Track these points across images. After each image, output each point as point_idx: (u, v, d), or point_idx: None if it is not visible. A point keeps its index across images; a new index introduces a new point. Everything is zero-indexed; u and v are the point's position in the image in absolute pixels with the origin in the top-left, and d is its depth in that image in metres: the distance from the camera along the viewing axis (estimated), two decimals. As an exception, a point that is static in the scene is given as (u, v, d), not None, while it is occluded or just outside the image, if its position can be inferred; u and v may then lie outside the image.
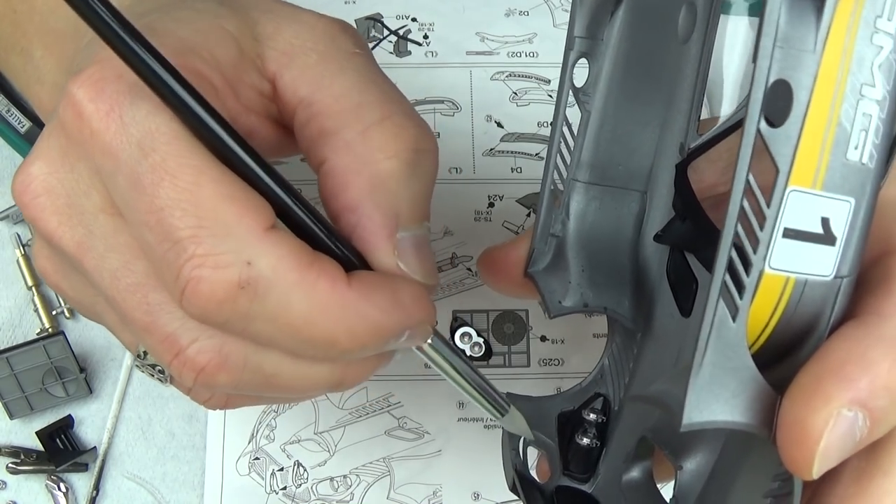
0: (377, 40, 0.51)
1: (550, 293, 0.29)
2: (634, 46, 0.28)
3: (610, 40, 0.28)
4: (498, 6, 0.52)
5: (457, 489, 0.41)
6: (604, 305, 0.29)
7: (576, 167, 0.29)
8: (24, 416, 0.41)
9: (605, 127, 0.29)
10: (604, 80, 0.28)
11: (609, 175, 0.29)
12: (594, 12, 0.28)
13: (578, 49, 0.28)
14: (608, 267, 0.29)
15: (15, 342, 0.42)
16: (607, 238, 0.29)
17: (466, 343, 0.44)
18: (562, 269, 0.30)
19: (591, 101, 0.29)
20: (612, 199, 0.29)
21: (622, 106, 0.29)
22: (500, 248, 0.31)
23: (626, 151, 0.29)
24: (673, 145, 0.28)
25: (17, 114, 0.45)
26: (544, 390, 0.43)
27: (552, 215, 0.29)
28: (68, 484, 0.40)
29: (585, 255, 0.29)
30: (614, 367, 0.30)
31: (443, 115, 0.49)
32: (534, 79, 0.50)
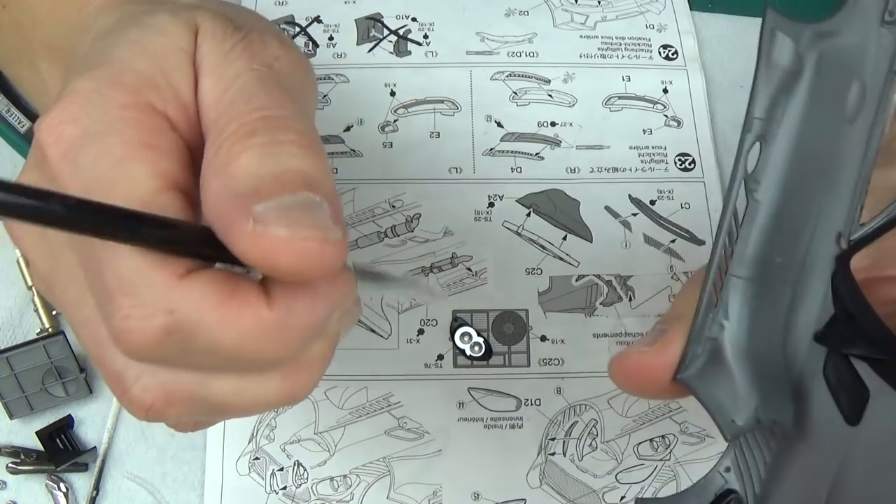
0: (377, 40, 0.51)
1: (718, 409, 0.26)
2: (807, 127, 0.26)
3: (783, 122, 0.26)
4: (498, 6, 0.52)
5: (457, 489, 0.41)
6: (773, 418, 0.26)
7: (738, 262, 0.26)
8: (24, 416, 0.41)
9: (773, 217, 0.26)
10: (775, 166, 0.26)
11: (768, 269, 0.26)
12: (777, 90, 0.26)
13: (756, 132, 0.26)
14: (770, 373, 0.27)
15: (15, 342, 0.42)
16: (764, 339, 0.27)
17: (466, 343, 0.44)
18: (721, 377, 0.27)
19: (758, 188, 0.26)
20: (769, 295, 0.27)
21: (790, 193, 0.26)
22: (645, 352, 0.27)
23: (787, 243, 0.26)
24: (829, 234, 0.26)
25: (17, 114, 0.45)
26: (544, 390, 0.43)
27: (709, 315, 0.26)
28: (68, 484, 0.40)
29: (750, 362, 0.27)
30: (745, 460, 0.27)
31: (443, 115, 0.49)
32: (534, 79, 0.50)
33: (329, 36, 0.51)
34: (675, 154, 0.48)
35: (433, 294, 0.27)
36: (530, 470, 0.42)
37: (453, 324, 0.44)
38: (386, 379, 0.43)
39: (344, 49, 0.51)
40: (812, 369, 0.26)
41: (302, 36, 0.51)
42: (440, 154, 0.48)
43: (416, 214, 0.46)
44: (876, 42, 0.25)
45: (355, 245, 0.45)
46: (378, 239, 0.46)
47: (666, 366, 0.27)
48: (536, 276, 0.45)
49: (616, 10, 0.53)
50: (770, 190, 0.26)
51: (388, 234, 0.46)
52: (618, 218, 0.47)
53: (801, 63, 0.25)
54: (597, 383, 0.43)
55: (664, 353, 0.27)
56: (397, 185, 0.47)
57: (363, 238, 0.46)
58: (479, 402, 0.43)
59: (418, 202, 0.47)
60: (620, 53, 0.51)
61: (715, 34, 0.52)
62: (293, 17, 0.52)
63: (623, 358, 0.28)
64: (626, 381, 0.28)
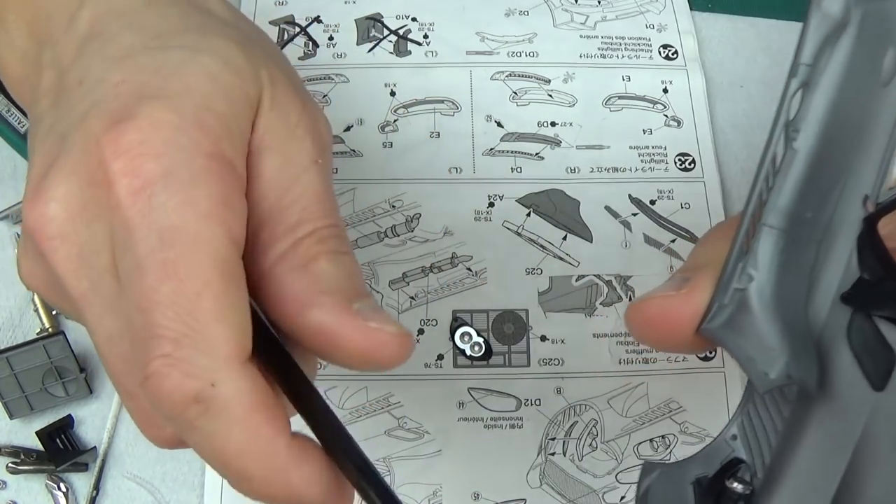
0: (377, 40, 0.51)
1: (751, 363, 0.25)
2: (846, 82, 0.25)
3: (824, 73, 0.25)
4: (498, 6, 0.52)
5: (457, 489, 0.41)
6: (802, 375, 0.25)
7: (770, 211, 0.25)
8: (24, 416, 0.41)
9: (807, 168, 0.26)
10: (815, 116, 0.25)
11: (799, 222, 0.26)
12: (825, 39, 0.25)
13: (801, 77, 0.25)
14: (797, 330, 0.26)
15: (15, 342, 0.42)
16: (791, 294, 0.26)
17: (466, 343, 0.44)
18: (750, 330, 0.26)
19: (797, 137, 0.25)
20: (796, 250, 0.26)
21: (826, 146, 0.26)
22: (670, 297, 0.26)
23: (818, 198, 0.26)
24: (856, 195, 0.25)
25: (17, 114, 0.45)
26: (544, 390, 0.43)
27: (740, 265, 0.25)
28: (68, 484, 0.40)
29: (778, 316, 0.26)
30: (754, 428, 0.27)
31: (443, 115, 0.49)
32: (534, 79, 0.50)
33: (329, 36, 0.51)
34: (675, 154, 0.48)
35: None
36: (530, 470, 0.42)
37: (453, 324, 0.44)
38: (386, 379, 0.43)
39: (344, 49, 0.51)
40: (834, 332, 0.25)
41: (302, 36, 0.51)
42: (440, 154, 0.48)
43: (416, 214, 0.46)
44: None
45: (355, 245, 0.46)
46: (378, 239, 0.46)
47: (691, 314, 0.25)
48: (536, 276, 0.45)
49: (616, 10, 0.53)
50: (808, 140, 0.25)
51: (388, 234, 0.46)
52: (618, 218, 0.47)
53: (848, 16, 0.25)
54: (597, 383, 0.43)
55: (690, 299, 0.25)
56: (397, 185, 0.47)
57: (363, 238, 0.46)
58: (479, 402, 0.43)
59: (418, 202, 0.47)
60: (620, 53, 0.51)
61: (715, 34, 0.52)
62: (293, 17, 0.52)
63: (644, 303, 0.26)
64: (646, 330, 0.26)
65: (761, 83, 0.51)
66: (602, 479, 0.42)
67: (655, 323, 0.26)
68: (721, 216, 0.47)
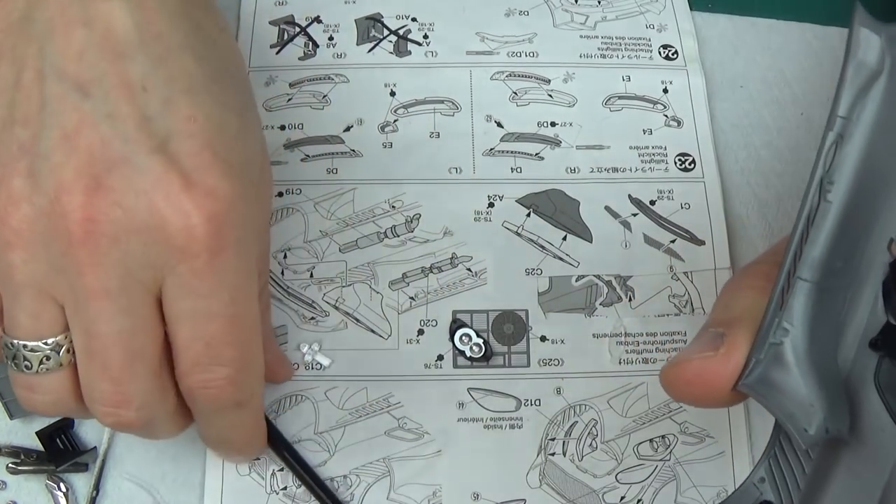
0: (377, 40, 0.51)
1: (790, 418, 0.25)
2: (878, 128, 0.25)
3: (859, 122, 0.25)
4: (498, 6, 0.52)
5: (457, 489, 0.41)
6: (838, 427, 0.25)
7: (804, 264, 0.25)
8: (24, 416, 0.41)
9: (840, 219, 0.25)
10: (849, 167, 0.25)
11: (831, 273, 0.26)
12: (861, 89, 0.25)
13: (838, 130, 0.25)
14: (831, 380, 0.26)
15: (15, 342, 0.42)
16: (824, 346, 0.26)
17: (466, 344, 0.44)
18: (786, 384, 0.25)
19: (832, 189, 0.25)
20: (829, 300, 0.26)
21: (857, 196, 0.25)
22: (702, 361, 0.26)
23: (848, 248, 0.26)
24: (883, 240, 0.25)
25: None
26: (544, 390, 0.43)
27: (776, 320, 0.25)
28: (68, 484, 0.40)
29: (814, 369, 0.25)
30: (781, 470, 0.27)
31: (443, 115, 0.49)
32: (534, 79, 0.50)
33: (329, 36, 0.51)
34: (675, 154, 0.48)
35: None
36: (530, 470, 0.42)
37: (453, 325, 0.44)
38: (386, 379, 0.43)
39: (344, 49, 0.51)
40: (861, 375, 0.25)
41: (302, 36, 0.51)
42: (440, 154, 0.48)
43: (415, 215, 0.46)
44: None
45: (355, 245, 0.46)
46: (378, 239, 0.46)
47: (730, 373, 0.25)
48: (536, 276, 0.45)
49: (616, 10, 0.53)
50: (841, 191, 0.25)
51: (388, 235, 0.46)
52: (618, 218, 0.47)
53: (883, 64, 0.25)
54: (597, 383, 0.43)
55: (729, 360, 0.25)
56: (397, 185, 0.47)
57: (363, 238, 0.46)
58: (478, 403, 0.43)
59: (418, 202, 0.47)
60: (620, 53, 0.51)
61: (715, 34, 0.52)
62: (293, 17, 0.52)
63: (681, 366, 0.26)
64: (684, 391, 0.26)
65: (761, 83, 0.51)
66: (602, 479, 0.42)
67: (694, 385, 0.26)
68: (721, 216, 0.47)
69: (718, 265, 0.46)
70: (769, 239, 0.47)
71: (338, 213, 0.46)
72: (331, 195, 0.47)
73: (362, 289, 0.45)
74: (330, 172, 0.47)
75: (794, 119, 0.50)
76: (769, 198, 0.48)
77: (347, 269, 0.45)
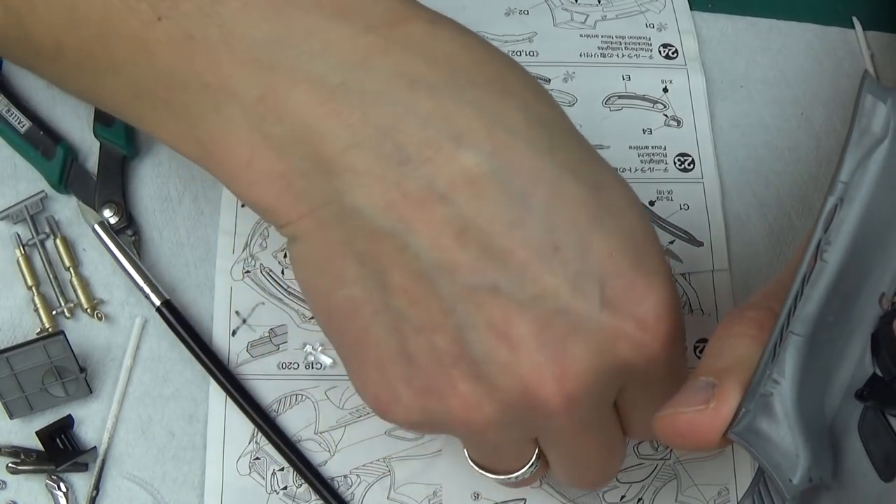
0: (377, 40, 0.51)
1: (777, 469, 0.26)
2: (878, 191, 0.26)
3: (860, 185, 0.25)
4: (498, 5, 0.52)
5: (457, 489, 0.41)
6: (820, 475, 0.26)
7: (797, 320, 0.26)
8: (24, 416, 0.41)
9: (835, 278, 0.26)
10: (847, 228, 0.26)
11: (821, 328, 0.26)
12: (865, 153, 0.25)
13: (839, 194, 0.25)
14: (817, 431, 0.26)
15: (15, 342, 0.42)
16: (812, 398, 0.27)
17: (466, 343, 0.44)
18: (773, 434, 0.26)
19: (829, 249, 0.26)
20: (818, 353, 0.26)
21: (852, 256, 0.26)
22: (693, 414, 0.26)
23: (841, 303, 0.26)
24: (874, 294, 0.26)
25: (17, 113, 0.45)
26: (544, 390, 0.43)
27: (767, 372, 0.26)
28: (68, 484, 0.40)
29: (801, 420, 0.26)
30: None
31: (443, 115, 0.49)
32: (534, 78, 0.50)
33: (329, 35, 0.51)
34: (675, 154, 0.48)
35: None
36: (530, 470, 0.42)
37: (453, 324, 0.44)
38: (386, 379, 0.43)
39: (344, 48, 0.51)
40: (845, 424, 0.26)
41: (302, 35, 0.51)
42: (440, 154, 0.48)
43: (415, 214, 0.46)
44: None
45: (355, 245, 0.45)
46: (378, 239, 0.46)
47: (720, 425, 0.26)
48: (536, 276, 0.45)
49: (616, 9, 0.53)
50: (838, 252, 0.26)
51: (388, 234, 0.46)
52: (618, 218, 0.47)
53: (887, 130, 0.25)
54: (596, 383, 0.43)
55: (718, 413, 0.26)
56: (397, 185, 0.47)
57: (363, 238, 0.46)
58: (478, 402, 0.43)
59: (418, 202, 0.47)
60: (620, 53, 0.51)
61: (715, 34, 0.52)
62: (293, 16, 0.51)
63: (673, 418, 0.27)
64: (675, 441, 0.27)
65: (761, 83, 0.51)
66: (602, 479, 0.42)
67: (686, 436, 0.27)
68: (720, 218, 0.47)
69: (717, 267, 0.46)
70: (769, 238, 0.47)
71: (338, 213, 0.46)
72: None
73: (362, 288, 0.45)
74: (330, 172, 0.47)
75: (794, 119, 0.50)
76: (769, 197, 0.48)
77: (347, 269, 0.45)
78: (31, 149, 0.44)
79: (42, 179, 0.45)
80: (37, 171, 0.45)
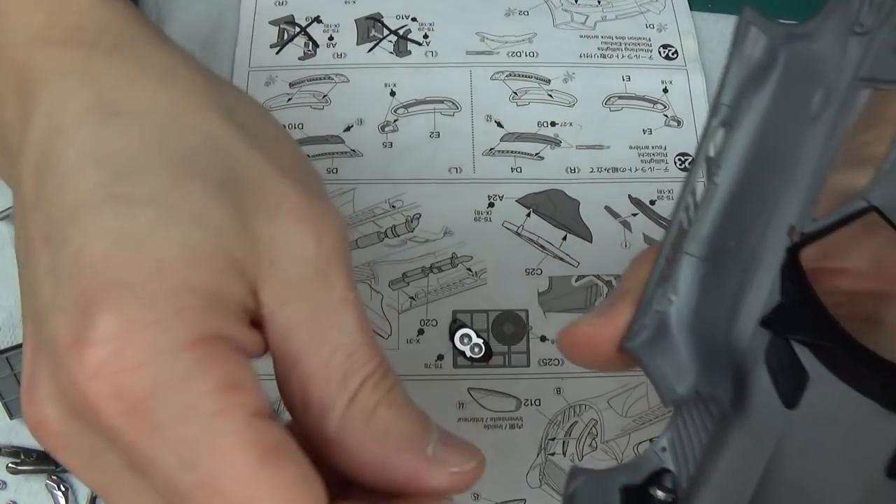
0: (377, 40, 0.51)
1: (661, 377, 0.27)
2: (769, 119, 0.27)
3: (748, 110, 0.27)
4: (498, 6, 0.52)
5: (457, 489, 0.41)
6: (712, 391, 0.27)
7: (692, 240, 0.27)
8: (25, 416, 0.41)
9: (728, 200, 0.27)
10: (736, 153, 0.27)
11: (721, 251, 0.28)
12: (746, 81, 0.27)
13: (721, 117, 0.27)
14: (711, 349, 0.28)
15: (15, 342, 0.42)
16: (710, 317, 0.28)
17: (466, 345, 0.44)
18: (667, 349, 0.28)
19: (719, 172, 0.27)
20: (718, 276, 0.28)
21: (748, 181, 0.27)
22: (593, 323, 0.28)
23: (741, 227, 0.27)
24: (782, 225, 0.27)
25: (17, 114, 0.45)
26: (544, 390, 0.43)
27: (659, 289, 0.27)
28: (68, 484, 0.41)
29: (694, 335, 0.28)
30: (682, 441, 0.28)
31: (443, 115, 0.49)
32: (534, 79, 0.50)
33: (329, 36, 0.51)
34: (675, 154, 0.48)
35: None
36: (530, 470, 0.42)
37: (452, 325, 0.44)
38: (386, 379, 0.43)
39: (344, 49, 0.51)
40: (755, 354, 0.27)
41: (302, 36, 0.51)
42: (440, 154, 0.48)
43: (416, 214, 0.46)
44: (843, 50, 0.26)
45: (355, 245, 0.46)
46: (378, 239, 0.46)
47: (612, 336, 0.27)
48: (536, 276, 0.45)
49: (616, 10, 0.53)
50: (729, 175, 0.27)
51: (388, 234, 0.46)
52: (618, 218, 0.47)
53: (772, 60, 0.27)
54: (597, 383, 0.43)
55: (611, 323, 0.27)
56: (397, 185, 0.47)
57: (363, 238, 0.46)
58: (478, 403, 0.43)
59: (418, 202, 0.47)
60: (620, 53, 0.51)
61: (715, 34, 0.52)
62: (293, 17, 0.52)
63: (571, 329, 0.28)
64: (574, 353, 0.28)
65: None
66: (602, 480, 0.42)
67: (582, 347, 0.28)
68: (721, 216, 0.47)
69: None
70: (769, 239, 0.47)
71: (338, 213, 0.46)
72: (331, 195, 0.47)
73: (362, 288, 0.45)
74: (330, 172, 0.47)
75: (793, 119, 0.50)
76: (769, 198, 0.48)
77: (347, 269, 0.45)
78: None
79: (42, 180, 0.45)
80: (37, 171, 0.45)
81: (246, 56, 0.50)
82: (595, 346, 0.27)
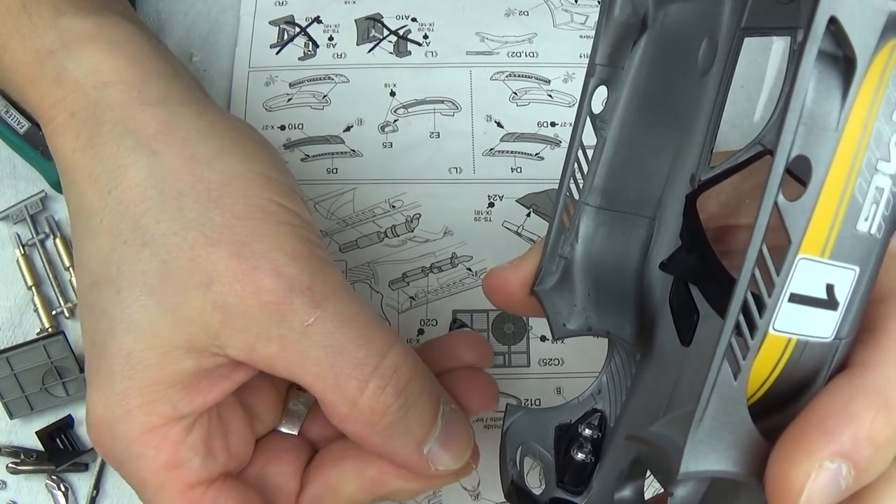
0: (377, 40, 0.51)
1: (555, 315, 0.30)
2: (653, 76, 0.28)
3: (630, 69, 0.28)
4: (498, 6, 0.52)
5: (457, 489, 0.41)
6: (607, 329, 0.30)
7: (588, 191, 0.29)
8: (24, 416, 0.41)
9: (620, 154, 0.29)
10: (621, 108, 0.29)
11: (620, 201, 0.29)
12: (617, 41, 0.28)
13: (599, 76, 0.28)
14: (613, 291, 0.30)
15: (15, 342, 0.42)
16: (614, 262, 0.30)
17: (466, 343, 0.44)
18: (567, 290, 0.30)
19: (607, 127, 0.29)
20: (621, 224, 0.29)
21: (638, 134, 0.29)
22: (505, 269, 0.31)
23: (639, 179, 0.29)
24: (684, 175, 0.28)
25: (15, 114, 0.45)
26: (544, 390, 0.43)
27: (562, 237, 0.29)
28: (68, 484, 0.40)
29: (592, 278, 0.30)
30: (612, 383, 0.31)
31: (443, 115, 0.49)
32: (534, 79, 0.50)
33: (329, 36, 0.51)
34: (675, 154, 0.48)
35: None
36: (530, 470, 0.42)
37: (452, 325, 0.44)
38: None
39: (344, 49, 0.51)
40: (662, 298, 0.28)
41: (302, 36, 0.51)
42: (440, 154, 0.48)
43: (416, 214, 0.46)
44: (720, 5, 0.27)
45: (355, 245, 0.46)
46: (378, 239, 0.46)
47: (521, 280, 0.30)
48: (536, 276, 0.45)
49: (616, 10, 0.53)
50: (617, 130, 0.29)
51: (388, 234, 0.46)
52: (618, 218, 0.47)
53: (645, 20, 0.28)
54: (597, 383, 0.43)
55: (520, 269, 0.30)
56: (397, 185, 0.47)
57: (363, 238, 0.46)
58: (479, 402, 0.43)
59: (418, 202, 0.47)
60: (620, 53, 0.51)
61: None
62: (293, 17, 0.52)
63: (488, 275, 0.32)
64: (490, 295, 0.32)
65: (761, 83, 0.51)
66: (602, 479, 0.42)
67: (497, 290, 0.31)
68: (721, 216, 0.47)
69: (718, 265, 0.46)
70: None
71: (338, 213, 0.46)
72: (331, 195, 0.47)
73: (362, 288, 0.45)
74: (330, 172, 0.47)
75: (793, 119, 0.50)
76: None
77: (347, 269, 0.45)
78: (30, 149, 0.44)
79: (42, 179, 0.45)
80: (36, 171, 0.45)
81: (246, 56, 0.50)
82: (507, 290, 0.31)
